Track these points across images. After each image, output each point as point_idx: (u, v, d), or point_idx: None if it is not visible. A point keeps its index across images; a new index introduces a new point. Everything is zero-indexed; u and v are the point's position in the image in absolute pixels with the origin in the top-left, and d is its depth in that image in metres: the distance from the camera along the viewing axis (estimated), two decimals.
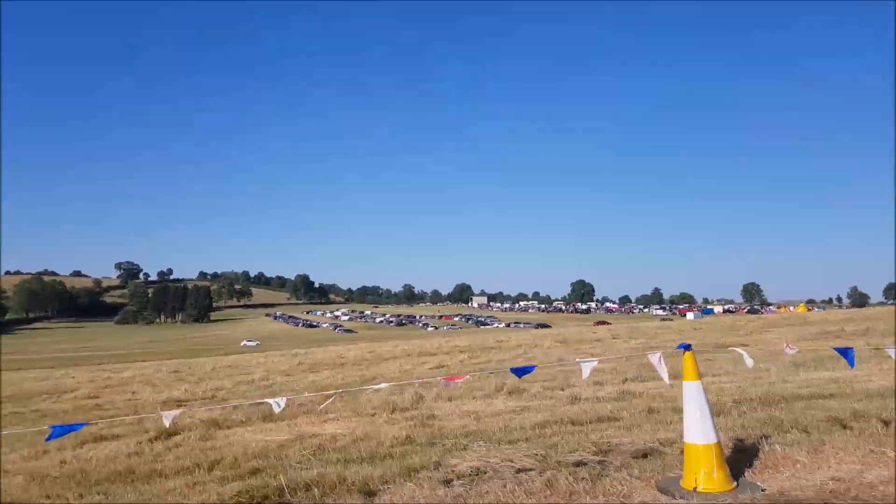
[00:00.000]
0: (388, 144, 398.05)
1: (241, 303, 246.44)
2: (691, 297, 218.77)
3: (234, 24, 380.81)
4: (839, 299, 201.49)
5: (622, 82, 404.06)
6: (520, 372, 3.67)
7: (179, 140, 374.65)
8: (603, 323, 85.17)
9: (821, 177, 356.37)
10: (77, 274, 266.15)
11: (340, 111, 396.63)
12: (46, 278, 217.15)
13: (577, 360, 3.73)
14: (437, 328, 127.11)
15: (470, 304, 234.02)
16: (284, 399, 3.49)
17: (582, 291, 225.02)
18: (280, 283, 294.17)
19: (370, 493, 4.42)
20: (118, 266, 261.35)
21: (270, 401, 3.50)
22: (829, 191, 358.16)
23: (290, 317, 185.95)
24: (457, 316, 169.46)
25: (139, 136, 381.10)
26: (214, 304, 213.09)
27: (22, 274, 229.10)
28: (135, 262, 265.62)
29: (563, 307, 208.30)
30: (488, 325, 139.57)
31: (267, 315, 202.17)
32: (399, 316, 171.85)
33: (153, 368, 24.78)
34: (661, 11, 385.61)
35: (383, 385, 3.78)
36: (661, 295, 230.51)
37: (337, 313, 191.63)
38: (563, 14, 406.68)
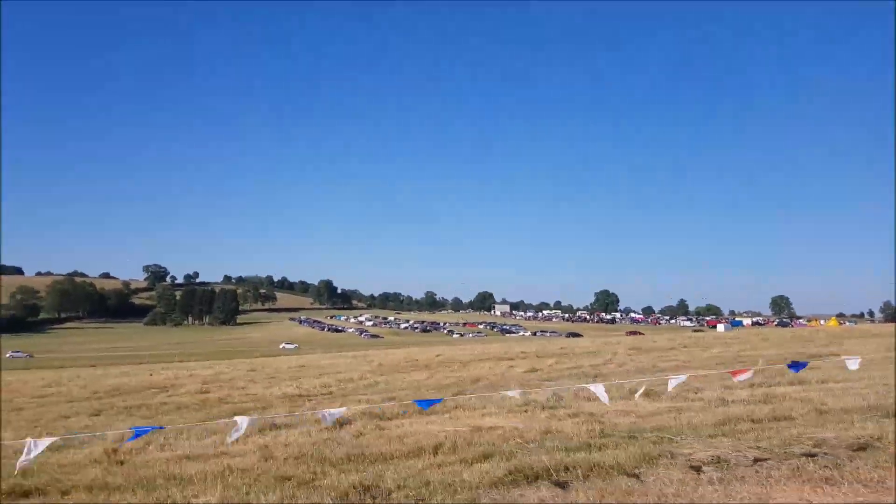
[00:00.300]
0: (410, 150, 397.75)
1: (266, 307, 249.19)
2: (717, 308, 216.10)
3: (235, 25, 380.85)
4: (871, 314, 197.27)
5: (638, 87, 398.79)
6: (796, 367, 4.06)
7: (187, 141, 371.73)
8: (634, 333, 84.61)
9: (851, 187, 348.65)
10: (106, 276, 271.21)
11: (346, 113, 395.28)
12: (77, 279, 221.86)
13: (843, 357, 4.11)
14: (462, 335, 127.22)
15: (492, 312, 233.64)
16: (603, 387, 3.90)
17: (606, 301, 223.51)
18: (303, 287, 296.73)
19: (634, 476, 4.81)
20: (146, 269, 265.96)
21: (591, 387, 3.92)
22: (860, 202, 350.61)
23: (314, 321, 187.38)
24: (481, 323, 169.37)
25: (140, 135, 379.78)
26: (240, 308, 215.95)
27: (53, 275, 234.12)
28: (161, 265, 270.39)
29: (587, 317, 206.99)
30: (514, 333, 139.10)
31: (291, 319, 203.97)
32: (423, 322, 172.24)
33: (230, 367, 25.48)
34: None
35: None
36: (686, 306, 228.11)
37: (361, 318, 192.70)
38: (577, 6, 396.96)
